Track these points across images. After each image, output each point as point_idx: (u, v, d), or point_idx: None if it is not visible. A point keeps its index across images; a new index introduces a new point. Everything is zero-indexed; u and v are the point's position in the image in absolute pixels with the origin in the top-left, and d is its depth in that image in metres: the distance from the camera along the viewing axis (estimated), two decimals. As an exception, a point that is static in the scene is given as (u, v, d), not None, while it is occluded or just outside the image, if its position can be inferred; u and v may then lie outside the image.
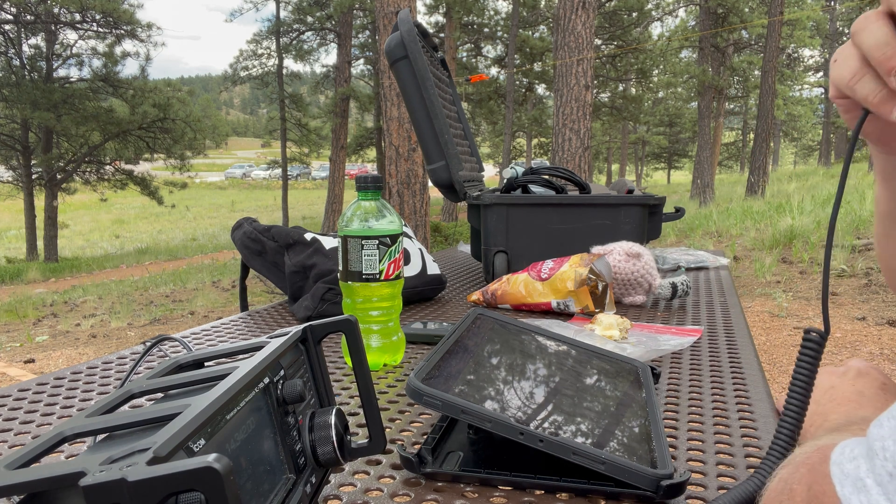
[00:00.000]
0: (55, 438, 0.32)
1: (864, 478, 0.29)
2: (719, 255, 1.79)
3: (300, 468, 0.40)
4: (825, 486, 0.31)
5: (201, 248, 14.11)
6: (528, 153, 23.69)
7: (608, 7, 18.92)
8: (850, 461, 0.30)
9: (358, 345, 0.47)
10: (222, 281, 7.62)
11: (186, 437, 0.28)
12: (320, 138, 17.31)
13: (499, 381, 0.58)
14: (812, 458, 0.33)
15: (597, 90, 20.20)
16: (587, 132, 6.93)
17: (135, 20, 13.45)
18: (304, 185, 39.62)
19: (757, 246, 6.16)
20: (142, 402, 0.67)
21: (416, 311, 1.17)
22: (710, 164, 16.23)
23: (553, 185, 1.46)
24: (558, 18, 7.02)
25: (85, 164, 13.79)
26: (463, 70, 18.08)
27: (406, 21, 1.43)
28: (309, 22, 15.80)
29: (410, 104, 1.45)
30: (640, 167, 34.72)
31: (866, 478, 0.28)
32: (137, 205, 24.79)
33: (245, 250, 1.23)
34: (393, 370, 0.83)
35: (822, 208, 7.48)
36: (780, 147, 35.31)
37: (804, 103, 23.64)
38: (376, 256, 0.80)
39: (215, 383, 0.35)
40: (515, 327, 0.70)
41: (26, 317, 6.12)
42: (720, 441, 0.60)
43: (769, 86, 12.41)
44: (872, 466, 0.29)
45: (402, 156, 6.01)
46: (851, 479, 0.29)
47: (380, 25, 6.02)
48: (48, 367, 4.09)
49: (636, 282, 1.20)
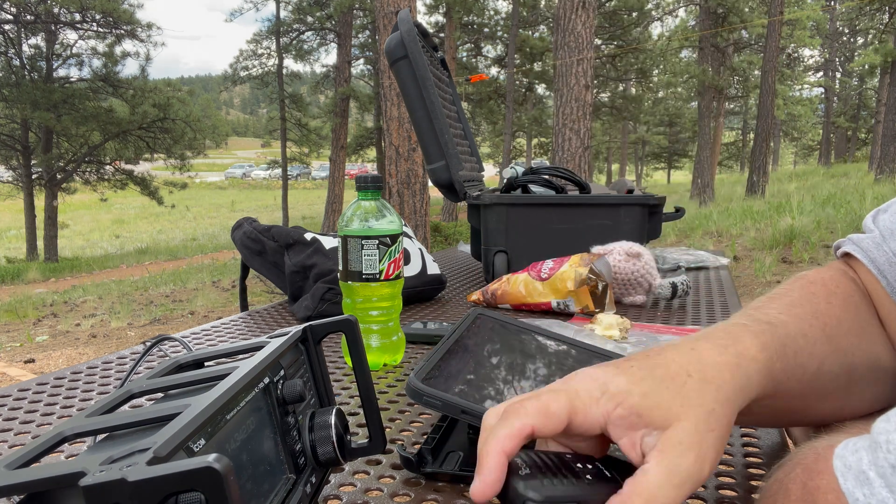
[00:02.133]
0: (55, 438, 0.32)
1: (866, 470, 0.29)
2: (719, 254, 1.79)
3: (300, 468, 0.40)
4: (820, 483, 0.31)
5: (201, 248, 14.11)
6: (528, 153, 23.69)
7: (608, 7, 18.92)
8: (852, 454, 0.30)
9: (358, 345, 0.47)
10: (222, 281, 7.62)
11: (186, 437, 0.28)
12: (320, 138, 17.31)
13: (499, 381, 0.58)
14: (807, 457, 0.33)
15: (597, 90, 20.21)
16: (587, 132, 6.93)
17: (135, 20, 13.45)
18: (304, 185, 39.62)
19: (757, 246, 6.16)
20: (142, 402, 0.67)
21: (416, 311, 1.17)
22: (710, 164, 16.23)
23: (553, 185, 1.46)
24: (558, 18, 7.02)
25: (85, 164, 13.79)
26: (463, 70, 18.08)
27: (406, 21, 1.43)
28: (309, 22, 15.80)
29: (410, 104, 1.45)
30: (640, 167, 34.72)
31: (869, 470, 0.28)
32: (137, 205, 24.79)
33: (245, 250, 1.23)
34: (393, 370, 0.83)
35: (821, 208, 7.48)
36: (780, 147, 35.31)
37: (804, 103, 23.61)
38: (376, 256, 0.80)
39: (215, 383, 0.35)
40: (515, 327, 0.70)
41: (26, 317, 6.12)
42: (720, 441, 0.60)
43: (769, 86, 12.40)
44: (875, 458, 0.28)
45: (402, 156, 6.01)
46: (854, 472, 0.29)
47: (380, 25, 6.02)
48: (48, 367, 4.09)
49: (636, 282, 1.20)
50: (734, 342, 0.40)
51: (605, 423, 0.35)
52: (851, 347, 0.48)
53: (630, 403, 0.34)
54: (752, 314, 0.46)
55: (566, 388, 0.35)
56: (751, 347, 0.40)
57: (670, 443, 0.33)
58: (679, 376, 0.36)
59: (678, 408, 0.34)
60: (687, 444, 0.33)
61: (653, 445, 0.34)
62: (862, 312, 0.51)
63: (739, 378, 0.38)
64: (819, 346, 0.45)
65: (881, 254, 0.52)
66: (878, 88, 20.09)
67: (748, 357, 0.39)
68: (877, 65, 17.15)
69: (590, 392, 0.35)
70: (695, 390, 0.35)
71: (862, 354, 0.48)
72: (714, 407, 0.35)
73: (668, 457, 0.33)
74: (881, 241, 0.52)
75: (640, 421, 0.34)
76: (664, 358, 0.37)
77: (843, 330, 0.48)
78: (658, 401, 0.34)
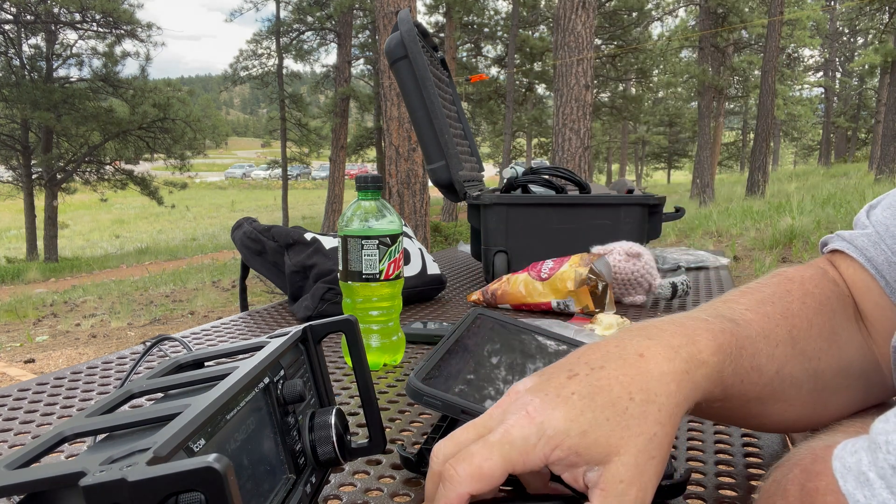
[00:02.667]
0: (55, 438, 0.31)
1: (866, 471, 0.28)
2: (719, 254, 1.79)
3: (300, 468, 0.40)
4: (818, 484, 0.31)
5: (201, 248, 14.11)
6: (528, 153, 23.69)
7: (608, 7, 18.93)
8: (851, 455, 0.30)
9: (358, 345, 0.47)
10: (222, 281, 7.62)
11: (186, 437, 0.28)
12: (320, 138, 17.32)
13: (499, 381, 0.58)
14: (805, 458, 0.33)
15: (597, 90, 20.21)
16: (587, 132, 6.93)
17: (135, 20, 13.46)
18: (304, 185, 39.63)
19: (757, 246, 6.16)
20: (142, 402, 0.67)
21: (416, 311, 1.17)
22: (710, 164, 16.23)
23: (553, 185, 1.46)
24: (558, 18, 7.02)
25: (85, 164, 13.79)
26: (463, 70, 18.08)
27: (406, 21, 1.43)
28: (309, 22, 15.80)
29: (410, 104, 1.45)
30: (640, 167, 34.72)
31: (868, 471, 0.28)
32: (137, 205, 24.79)
33: (245, 250, 1.23)
34: (393, 370, 0.83)
35: (821, 208, 7.48)
36: (780, 147, 35.31)
37: (804, 103, 23.63)
38: (376, 256, 0.80)
39: (215, 383, 0.35)
40: (515, 327, 0.70)
41: (26, 317, 6.12)
42: (720, 441, 0.60)
43: (769, 86, 12.40)
44: (875, 459, 0.28)
45: (402, 156, 6.01)
46: (854, 474, 0.29)
47: (380, 25, 6.02)
48: (48, 367, 4.09)
49: (636, 282, 1.20)
50: (688, 342, 0.39)
51: (545, 463, 0.35)
52: (818, 352, 0.47)
53: (568, 445, 0.35)
54: (718, 308, 0.46)
55: (500, 441, 0.35)
56: (704, 350, 0.39)
57: (612, 481, 0.34)
58: (620, 401, 0.36)
59: (617, 440, 0.35)
60: (628, 481, 0.34)
61: (594, 482, 0.34)
62: (837, 316, 0.50)
63: (685, 387, 0.38)
64: (781, 348, 0.45)
65: (879, 252, 0.51)
66: (878, 88, 20.09)
67: (698, 361, 0.39)
68: (877, 65, 17.15)
69: (526, 439, 0.35)
70: (635, 416, 0.35)
71: (830, 360, 0.48)
72: (655, 430, 0.36)
73: (611, 497, 0.34)
74: (878, 240, 0.51)
75: (579, 459, 0.35)
76: (607, 376, 0.37)
77: (813, 333, 0.47)
78: (596, 437, 0.35)
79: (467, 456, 0.35)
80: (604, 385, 0.37)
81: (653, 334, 0.40)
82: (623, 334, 0.41)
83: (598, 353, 0.40)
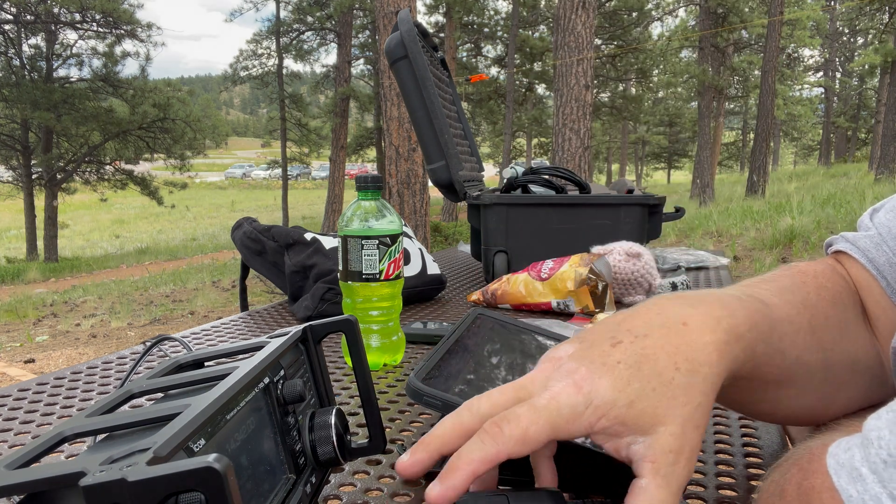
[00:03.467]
0: (55, 438, 0.31)
1: (858, 467, 0.29)
2: (719, 254, 1.79)
3: (300, 468, 0.40)
4: (814, 482, 0.31)
5: (201, 248, 14.11)
6: (528, 153, 23.69)
7: (608, 7, 18.93)
8: (844, 451, 0.30)
9: (358, 345, 0.47)
10: (222, 281, 7.62)
11: (186, 437, 0.28)
12: (320, 138, 17.32)
13: (499, 381, 0.58)
14: (802, 457, 0.34)
15: (597, 90, 20.21)
16: (587, 132, 6.93)
17: (135, 20, 13.46)
18: (304, 185, 39.63)
19: (757, 246, 6.16)
20: (142, 402, 0.67)
21: (416, 311, 1.17)
22: (710, 164, 16.23)
23: (553, 185, 1.46)
24: (558, 18, 7.02)
25: (85, 164, 13.80)
26: (463, 70, 18.08)
27: (406, 21, 1.43)
28: (309, 22, 15.81)
29: (410, 104, 1.45)
30: (640, 167, 34.72)
31: (861, 466, 0.29)
32: (137, 205, 24.79)
33: (245, 250, 1.23)
34: (393, 370, 0.83)
35: (821, 208, 7.49)
36: (780, 147, 35.31)
37: (804, 103, 23.63)
38: (376, 256, 0.80)
39: (215, 383, 0.35)
40: (515, 327, 0.70)
41: (26, 317, 6.13)
42: (720, 441, 0.60)
43: (769, 86, 12.41)
44: (867, 455, 0.29)
45: (402, 156, 6.01)
46: (847, 469, 0.29)
47: (380, 25, 6.02)
48: (48, 367, 4.09)
49: (636, 282, 1.20)
50: (729, 314, 0.39)
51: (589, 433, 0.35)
52: (832, 344, 0.47)
53: (614, 415, 0.34)
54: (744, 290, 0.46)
55: (548, 406, 0.35)
56: (741, 324, 0.39)
57: (661, 452, 0.34)
58: (667, 371, 0.36)
59: (664, 411, 0.34)
60: (677, 450, 0.34)
61: (641, 455, 0.34)
62: (848, 311, 0.50)
63: (726, 358, 0.37)
64: (802, 335, 0.45)
65: (881, 254, 0.51)
66: (878, 88, 20.09)
67: (737, 335, 0.38)
68: (877, 65, 17.15)
69: (573, 407, 0.35)
70: (682, 387, 0.35)
71: (841, 353, 0.48)
72: (700, 400, 0.35)
73: (662, 468, 0.34)
74: (880, 241, 0.52)
75: (624, 429, 0.34)
76: (652, 345, 0.37)
77: (829, 325, 0.48)
78: (643, 407, 0.34)
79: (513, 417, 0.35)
80: (649, 354, 0.36)
81: (693, 303, 0.40)
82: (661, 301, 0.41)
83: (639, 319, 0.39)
